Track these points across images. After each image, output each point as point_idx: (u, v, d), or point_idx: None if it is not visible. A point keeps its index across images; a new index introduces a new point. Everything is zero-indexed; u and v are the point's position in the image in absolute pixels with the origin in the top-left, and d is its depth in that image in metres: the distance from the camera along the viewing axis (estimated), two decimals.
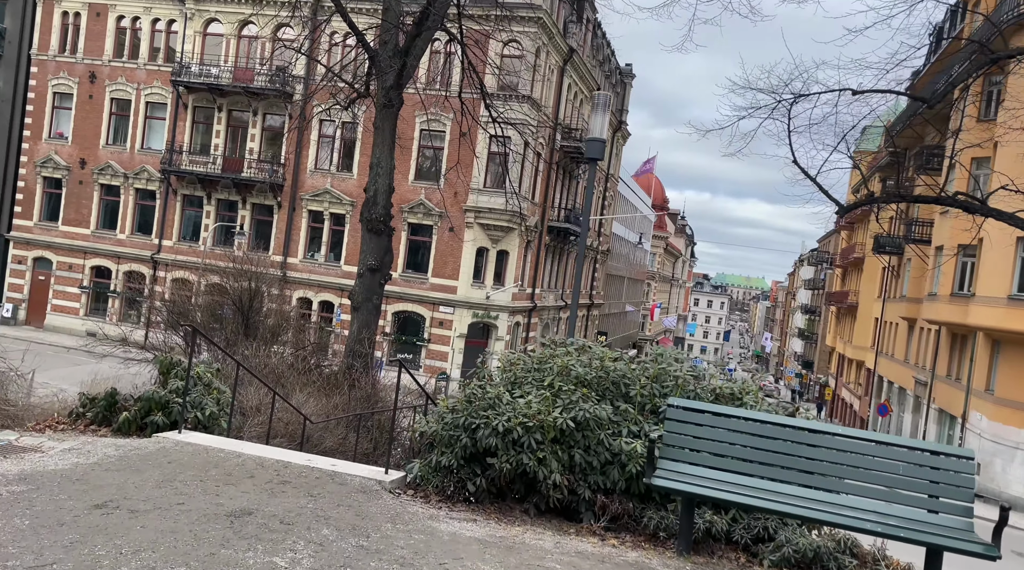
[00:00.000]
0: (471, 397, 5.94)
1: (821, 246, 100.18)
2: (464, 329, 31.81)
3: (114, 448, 5.74)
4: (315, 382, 10.70)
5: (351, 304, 13.89)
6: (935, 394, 34.75)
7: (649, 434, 5.55)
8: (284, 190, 34.34)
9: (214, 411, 7.05)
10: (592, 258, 48.17)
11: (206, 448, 5.93)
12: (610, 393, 6.21)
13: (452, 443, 5.81)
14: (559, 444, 5.71)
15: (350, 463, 6.46)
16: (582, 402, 5.80)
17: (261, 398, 8.36)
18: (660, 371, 6.42)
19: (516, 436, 5.55)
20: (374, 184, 13.80)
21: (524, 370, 6.40)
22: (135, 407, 6.78)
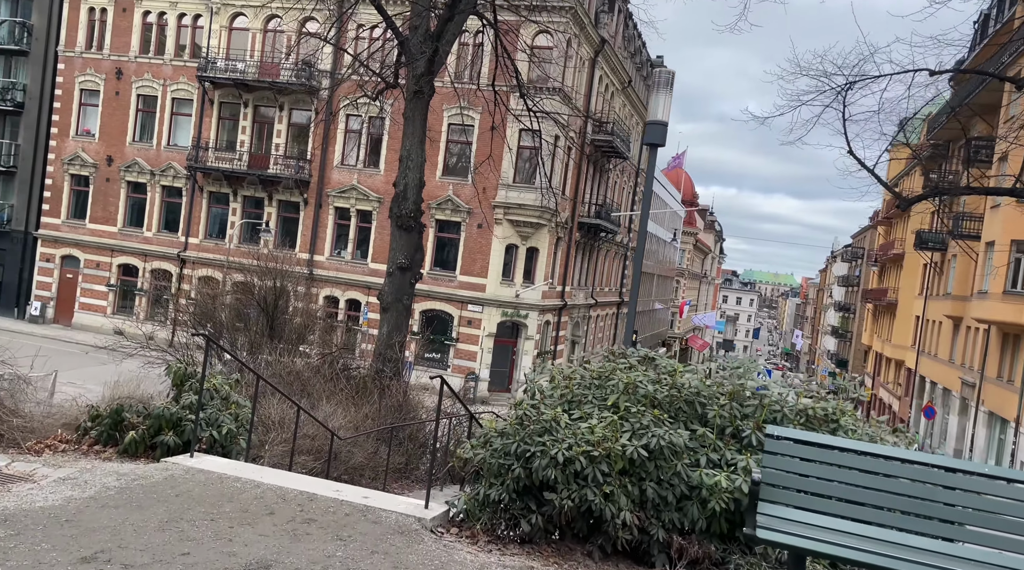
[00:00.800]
0: (524, 419, 5.12)
1: (855, 242, 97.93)
2: (493, 328, 31.04)
3: (115, 477, 5.01)
4: (343, 389, 9.96)
5: (380, 305, 13.15)
6: (984, 396, 33.28)
7: (750, 471, 4.68)
8: (310, 187, 33.81)
9: (231, 429, 6.31)
10: (622, 255, 47.14)
11: (220, 477, 5.18)
12: (683, 414, 5.35)
13: (502, 473, 4.99)
14: (628, 476, 4.87)
15: (384, 495, 5.67)
16: (654, 426, 4.95)
17: (284, 411, 7.62)
18: (737, 388, 5.55)
19: (579, 468, 4.72)
20: (404, 178, 13.04)
21: (582, 386, 5.56)
22: (144, 425, 6.07)
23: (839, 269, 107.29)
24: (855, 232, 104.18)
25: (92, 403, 7.06)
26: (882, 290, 60.55)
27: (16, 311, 37.88)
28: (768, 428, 4.32)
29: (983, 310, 31.78)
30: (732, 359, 6.05)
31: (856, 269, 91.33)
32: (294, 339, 14.51)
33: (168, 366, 6.79)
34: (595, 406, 5.29)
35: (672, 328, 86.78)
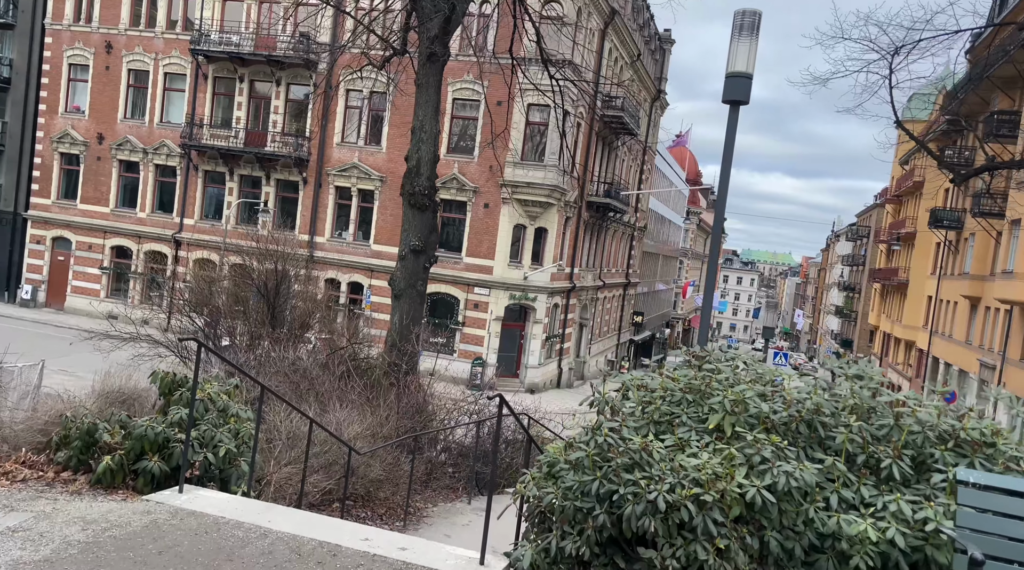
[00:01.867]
0: (604, 447, 4.00)
1: (860, 221, 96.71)
2: (500, 312, 29.94)
3: (81, 526, 3.90)
4: (354, 387, 8.85)
5: (392, 291, 12.02)
6: (1006, 379, 32.31)
7: (906, 517, 3.58)
8: (309, 165, 32.52)
9: (231, 449, 5.19)
10: (629, 236, 45.97)
11: (217, 522, 4.07)
12: (802, 439, 4.23)
13: (579, 519, 3.89)
14: (746, 524, 3.76)
15: (425, 545, 4.56)
16: (776, 458, 3.83)
17: (293, 422, 6.50)
18: (863, 402, 4.43)
19: (686, 517, 3.61)
20: (416, 152, 11.85)
21: (670, 402, 4.43)
22: (122, 448, 4.94)
23: (843, 248, 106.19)
24: (860, 211, 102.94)
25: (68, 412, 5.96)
26: (893, 269, 59.45)
27: (6, 295, 36.72)
28: (960, 472, 3.18)
29: (1007, 290, 30.71)
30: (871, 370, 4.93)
31: (862, 248, 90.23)
32: (297, 327, 13.40)
33: (154, 372, 5.65)
34: (691, 429, 4.18)
35: (676, 309, 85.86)
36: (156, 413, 5.77)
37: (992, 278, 36.33)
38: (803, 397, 4.29)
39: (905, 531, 3.70)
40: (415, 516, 7.40)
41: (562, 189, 29.81)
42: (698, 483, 3.70)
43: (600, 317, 40.90)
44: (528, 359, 30.81)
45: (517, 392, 29.85)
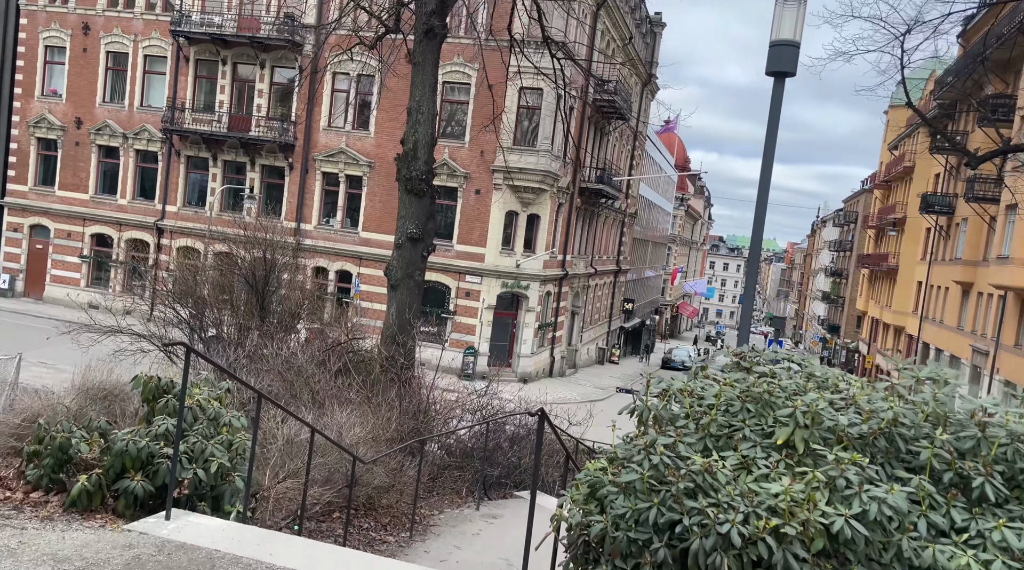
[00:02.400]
0: (660, 467, 3.47)
1: (847, 206, 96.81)
2: (492, 300, 29.40)
3: (51, 566, 3.32)
4: (352, 385, 8.28)
5: (388, 281, 11.44)
6: (1000, 364, 32.23)
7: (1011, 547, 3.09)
8: (295, 150, 31.70)
9: (224, 464, 4.62)
10: (620, 221, 45.49)
11: (210, 556, 3.52)
12: (880, 454, 3.72)
13: (634, 552, 3.36)
14: (828, 559, 3.25)
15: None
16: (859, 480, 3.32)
17: (291, 428, 5.93)
18: (941, 410, 3.93)
19: (764, 553, 3.09)
20: (413, 134, 11.23)
21: (730, 412, 3.90)
22: (100, 466, 4.36)
23: (830, 234, 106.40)
24: (847, 196, 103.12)
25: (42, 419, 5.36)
26: (882, 255, 59.40)
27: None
28: None
29: (1003, 276, 30.52)
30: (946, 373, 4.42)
31: (849, 234, 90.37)
32: (288, 318, 12.79)
33: (136, 377, 5.06)
34: (754, 444, 3.66)
35: (664, 295, 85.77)
36: (138, 422, 5.20)
37: (986, 263, 36.18)
38: (881, 406, 3.78)
39: (1011, 563, 3.21)
40: (421, 525, 6.89)
41: (555, 175, 29.24)
42: (775, 512, 3.18)
43: (592, 305, 40.47)
44: (520, 348, 30.33)
45: (510, 382, 29.35)
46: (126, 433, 4.59)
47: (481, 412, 9.58)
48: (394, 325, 10.83)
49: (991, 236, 36.24)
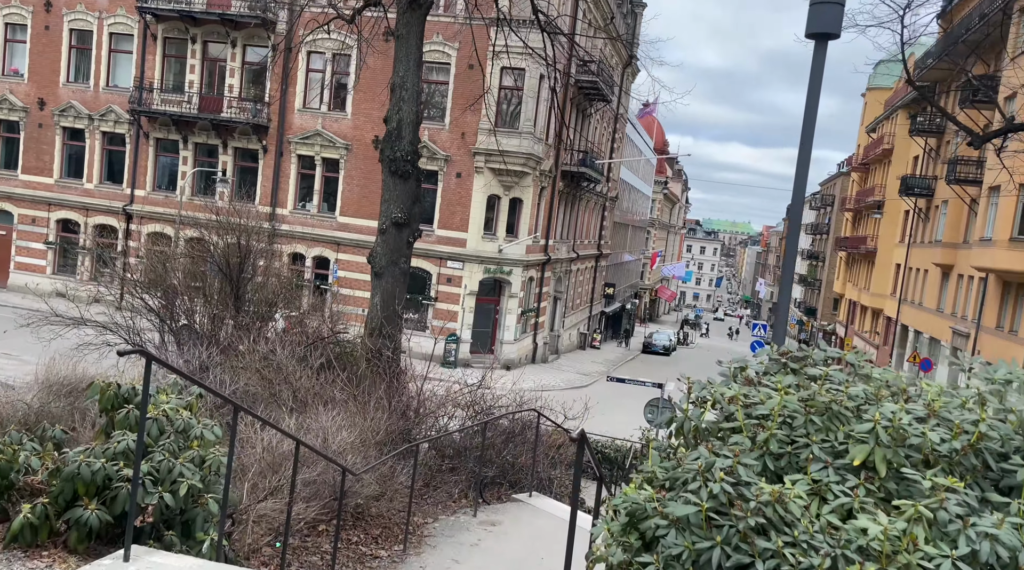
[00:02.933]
0: (720, 498, 2.91)
1: (824, 189, 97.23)
2: (475, 286, 28.79)
3: None
4: (336, 381, 7.66)
5: (372, 269, 10.79)
6: (980, 347, 32.34)
7: None
8: (269, 132, 30.70)
9: (195, 485, 4.00)
10: (601, 205, 44.98)
11: None
12: (968, 473, 3.20)
13: None
14: None
15: None
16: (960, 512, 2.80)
17: (272, 434, 5.30)
18: None
19: None
20: (397, 112, 10.55)
21: (789, 424, 3.35)
22: (47, 494, 3.72)
23: (806, 216, 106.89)
24: (824, 179, 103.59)
25: None
26: (861, 238, 59.59)
27: None
28: None
29: (985, 258, 30.51)
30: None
31: (826, 216, 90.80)
32: (264, 308, 12.10)
33: (92, 383, 4.42)
34: (825, 465, 3.11)
35: (643, 279, 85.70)
36: (96, 436, 4.55)
37: (967, 246, 36.23)
38: (968, 418, 3.25)
39: None
40: (415, 535, 6.33)
41: (538, 157, 28.60)
42: (867, 554, 2.64)
43: (573, 290, 40.02)
44: (503, 335, 29.79)
45: (493, 369, 28.81)
46: (79, 452, 3.95)
47: (473, 407, 9.01)
48: (379, 315, 10.20)
49: (972, 218, 36.27)
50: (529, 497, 7.63)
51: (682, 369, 42.32)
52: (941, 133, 43.03)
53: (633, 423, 16.60)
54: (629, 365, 40.06)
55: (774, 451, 3.23)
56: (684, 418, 3.63)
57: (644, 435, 15.38)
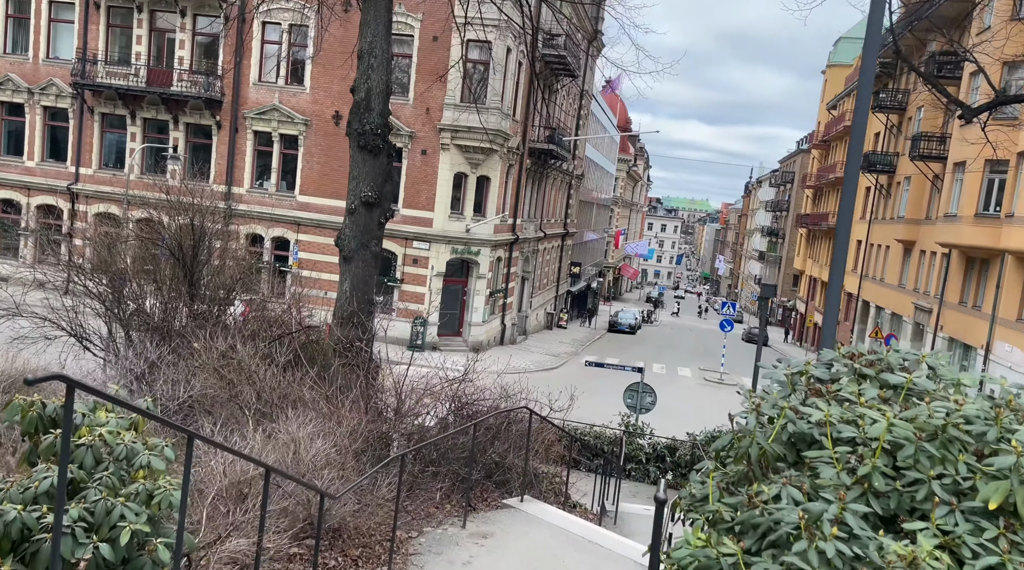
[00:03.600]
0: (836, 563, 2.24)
1: (783, 166, 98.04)
2: (442, 267, 27.96)
3: None
4: (305, 380, 6.87)
5: (340, 253, 9.96)
6: (943, 322, 32.67)
7: None
8: (223, 107, 29.24)
9: (140, 529, 3.23)
10: (567, 183, 44.32)
11: None
12: None
13: None
14: None
15: None
16: None
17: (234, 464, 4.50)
18: None
19: None
20: (366, 81, 9.68)
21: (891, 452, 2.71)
22: None
23: (765, 194, 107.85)
24: (783, 156, 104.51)
25: None
26: (822, 215, 60.06)
27: None
28: None
29: (950, 234, 30.68)
30: None
31: (786, 194, 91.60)
32: (222, 296, 11.17)
33: (10, 403, 3.59)
34: (950, 509, 2.47)
35: (607, 257, 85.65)
36: (19, 463, 3.75)
37: (929, 222, 36.51)
38: None
39: None
40: (399, 553, 5.63)
41: (505, 134, 27.74)
42: None
43: (540, 269, 39.42)
44: (471, 316, 29.07)
45: (461, 351, 28.14)
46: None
47: (455, 401, 8.29)
48: (349, 303, 9.39)
49: (934, 195, 36.53)
50: (521, 501, 6.97)
51: (649, 348, 42.10)
52: (903, 109, 43.24)
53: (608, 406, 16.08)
54: (597, 345, 39.73)
55: (879, 489, 2.58)
56: (751, 442, 2.97)
57: (624, 421, 14.92)
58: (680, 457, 13.94)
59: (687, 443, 14.12)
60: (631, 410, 15.20)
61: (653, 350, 40.65)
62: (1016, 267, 26.17)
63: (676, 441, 14.42)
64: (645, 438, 14.35)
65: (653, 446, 14.27)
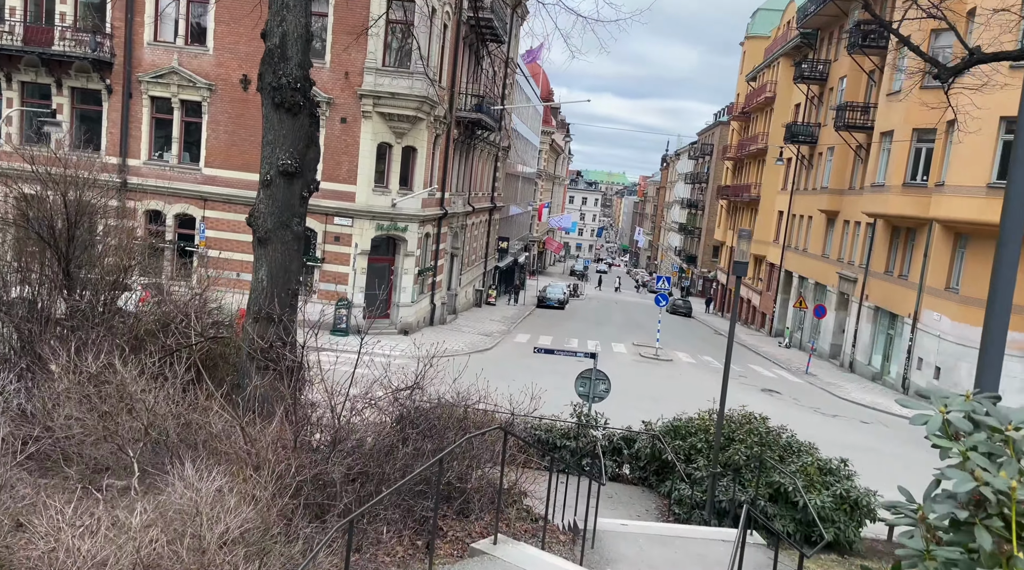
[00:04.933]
0: None
1: (702, 139, 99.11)
2: (367, 245, 26.05)
3: None
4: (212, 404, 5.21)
5: (254, 233, 8.22)
6: (869, 291, 33.04)
7: None
8: (114, 70, 26.20)
9: None
10: (495, 155, 42.74)
11: None
12: None
13: None
14: None
15: None
16: None
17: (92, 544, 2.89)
18: None
19: None
20: (280, 23, 7.91)
21: None
22: None
23: (684, 166, 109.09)
24: (702, 129, 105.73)
25: None
26: (744, 186, 60.55)
27: None
28: None
29: (877, 203, 30.83)
30: None
31: (705, 165, 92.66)
32: (107, 286, 9.23)
33: None
34: None
35: (531, 231, 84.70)
36: None
37: (853, 192, 36.83)
38: None
39: None
40: None
41: (432, 101, 25.91)
42: None
43: (469, 245, 37.87)
44: (400, 297, 27.34)
45: (390, 334, 26.42)
46: None
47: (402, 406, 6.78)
48: (267, 296, 7.70)
49: (858, 165, 36.84)
50: (493, 544, 5.54)
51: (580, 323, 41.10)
52: (824, 79, 43.48)
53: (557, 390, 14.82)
54: (528, 321, 38.64)
55: None
56: None
57: (576, 411, 13.72)
58: (640, 450, 12.85)
59: (644, 434, 13.04)
60: (583, 399, 14.00)
61: (585, 325, 39.88)
62: (944, 236, 26.40)
63: (632, 432, 13.32)
64: (600, 429, 13.18)
65: (609, 438, 13.13)
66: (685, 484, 11.10)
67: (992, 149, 23.29)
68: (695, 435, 12.16)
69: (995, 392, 2.07)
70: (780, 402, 23.02)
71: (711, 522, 10.32)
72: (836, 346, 36.76)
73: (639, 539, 7.39)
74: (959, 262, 25.82)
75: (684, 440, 12.20)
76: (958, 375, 25.20)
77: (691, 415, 13.02)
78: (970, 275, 24.83)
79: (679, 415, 13.13)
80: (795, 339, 42.71)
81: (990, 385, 4.78)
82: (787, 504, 10.31)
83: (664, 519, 11.14)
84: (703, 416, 12.74)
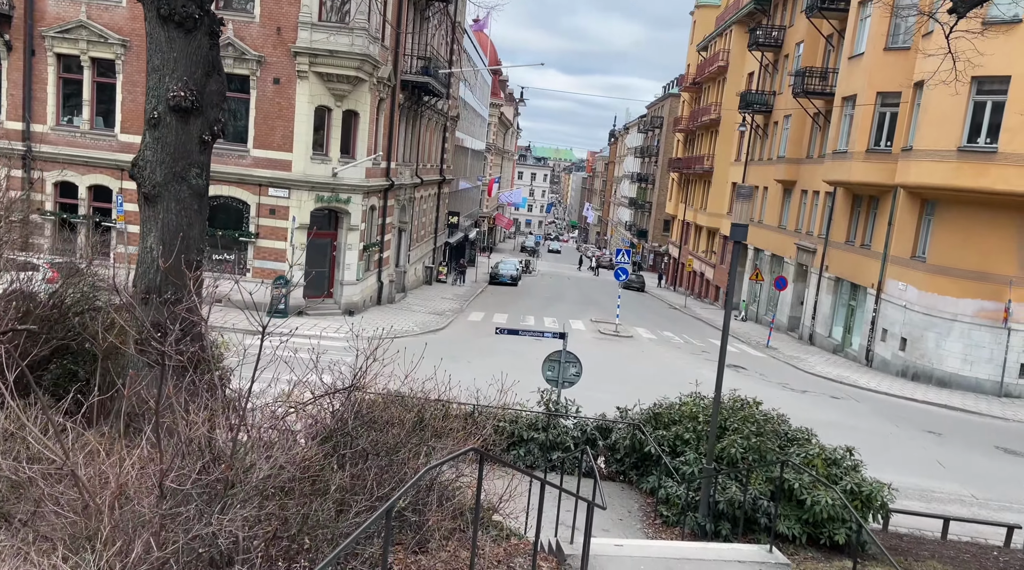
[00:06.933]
0: None
1: (651, 111, 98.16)
2: (306, 218, 23.93)
3: None
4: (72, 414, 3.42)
5: (139, 188, 6.30)
6: (828, 262, 32.32)
7: None
8: (13, 24, 23.31)
9: None
10: (443, 125, 40.66)
11: None
12: None
13: None
14: None
15: None
16: None
17: None
18: None
19: None
20: None
21: None
22: None
23: (633, 140, 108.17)
24: (651, 102, 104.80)
25: None
26: (696, 158, 59.69)
27: None
28: None
29: (839, 171, 29.92)
30: None
31: (654, 139, 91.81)
32: None
33: None
34: None
35: (481, 207, 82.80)
36: None
37: (811, 160, 36.03)
38: None
39: None
40: None
41: (375, 61, 23.78)
42: None
43: (417, 220, 35.89)
44: (343, 274, 25.33)
45: (334, 315, 24.45)
46: None
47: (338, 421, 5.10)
48: (155, 268, 5.86)
49: (815, 132, 36.01)
50: None
51: (536, 300, 39.49)
52: (779, 46, 42.50)
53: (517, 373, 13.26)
54: (481, 299, 36.98)
55: None
56: None
57: (544, 399, 12.17)
58: (617, 441, 11.38)
59: (621, 424, 11.57)
60: (552, 384, 12.45)
61: (541, 302, 38.41)
62: (910, 203, 25.61)
63: (607, 420, 11.84)
64: (571, 418, 11.67)
65: (582, 428, 11.63)
66: (672, 481, 9.66)
67: (963, 110, 22.41)
68: (680, 423, 10.71)
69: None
70: (748, 378, 21.95)
71: (707, 526, 8.91)
72: (795, 318, 36.10)
73: (639, 567, 5.88)
74: (926, 230, 25.07)
75: (667, 429, 10.75)
76: (925, 346, 24.55)
77: (672, 400, 11.59)
78: (938, 243, 24.10)
79: (660, 400, 11.68)
80: (751, 312, 42.07)
81: None
82: (791, 503, 8.98)
83: (650, 521, 9.71)
84: (687, 401, 11.32)
